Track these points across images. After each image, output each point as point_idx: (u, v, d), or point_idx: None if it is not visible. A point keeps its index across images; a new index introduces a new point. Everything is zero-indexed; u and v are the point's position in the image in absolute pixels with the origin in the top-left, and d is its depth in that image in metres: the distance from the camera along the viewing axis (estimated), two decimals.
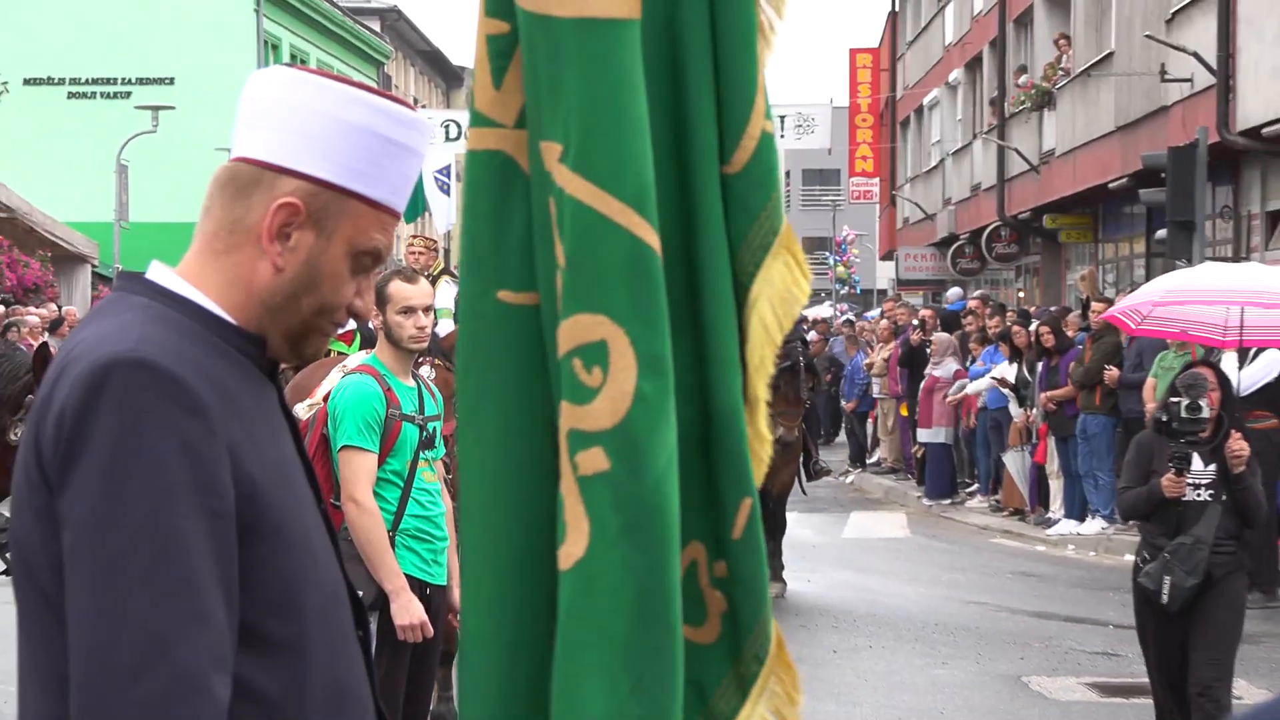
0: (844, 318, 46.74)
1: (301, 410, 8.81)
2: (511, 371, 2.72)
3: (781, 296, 2.95)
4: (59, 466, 2.84)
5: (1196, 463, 9.92)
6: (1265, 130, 26.75)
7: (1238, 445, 10.08)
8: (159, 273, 3.06)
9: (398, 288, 8.20)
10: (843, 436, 36.07)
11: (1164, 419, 10.29)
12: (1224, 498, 9.99)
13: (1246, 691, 9.83)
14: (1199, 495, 9.93)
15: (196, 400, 2.84)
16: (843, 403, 34.97)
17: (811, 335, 27.85)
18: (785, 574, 17.82)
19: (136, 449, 2.80)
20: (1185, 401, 10.04)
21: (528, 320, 2.72)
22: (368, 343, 11.60)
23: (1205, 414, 10.06)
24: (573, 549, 2.66)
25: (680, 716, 2.84)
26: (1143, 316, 12.97)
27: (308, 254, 3.03)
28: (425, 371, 10.18)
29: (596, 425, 2.67)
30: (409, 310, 8.19)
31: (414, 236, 17.11)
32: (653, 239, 2.79)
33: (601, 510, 2.67)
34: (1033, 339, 23.84)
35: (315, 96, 3.05)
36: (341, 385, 8.62)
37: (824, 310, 47.93)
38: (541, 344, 2.73)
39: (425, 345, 8.77)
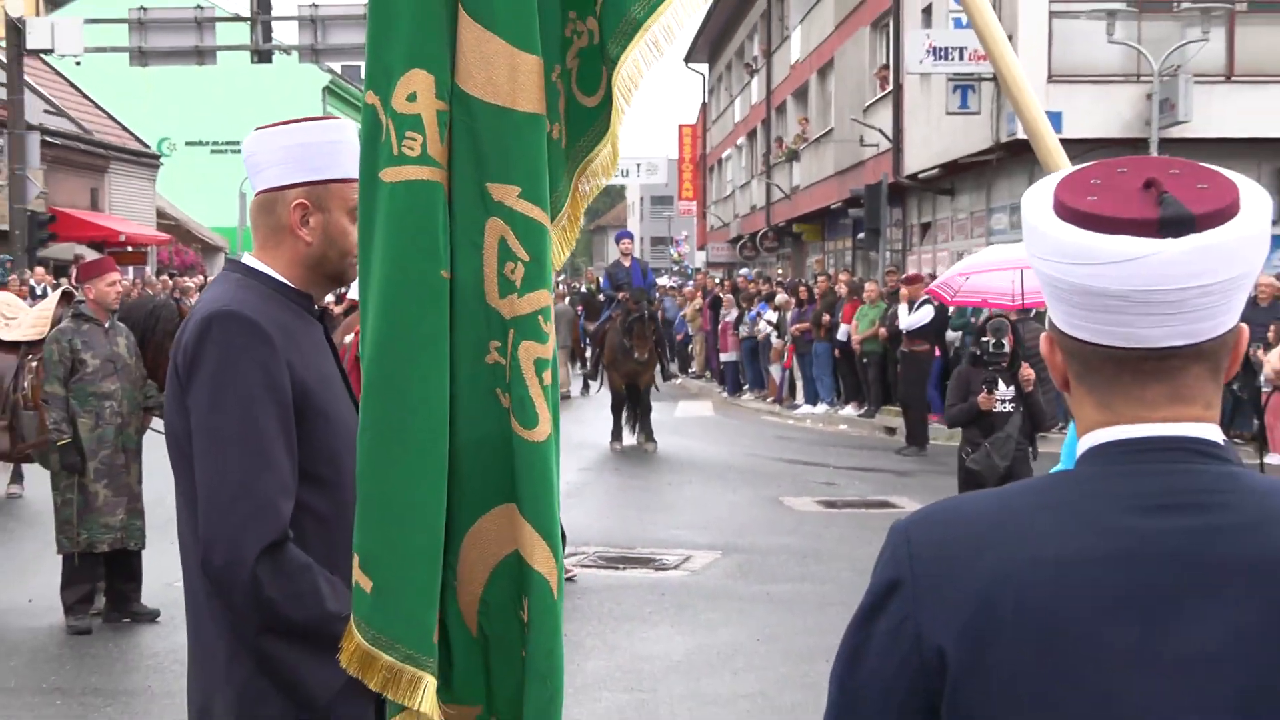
0: (680, 284, 46.71)
1: (348, 339, 8.73)
2: (445, 320, 2.67)
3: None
4: (187, 376, 2.86)
5: (1001, 385, 9.62)
6: (920, 175, 27.20)
7: (1026, 373, 9.74)
8: (248, 259, 3.07)
9: None
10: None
11: (977, 353, 9.94)
12: (1021, 408, 9.68)
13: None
14: (1004, 407, 9.62)
15: (266, 335, 2.85)
16: (675, 335, 35.12)
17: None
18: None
19: (229, 366, 2.83)
20: (993, 341, 9.75)
21: (447, 288, 2.67)
22: None
23: (1006, 349, 9.78)
24: (545, 428, 2.62)
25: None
26: (954, 290, 11.91)
27: (322, 227, 3.01)
28: None
29: (548, 355, 2.64)
30: None
31: None
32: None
33: (551, 405, 2.64)
34: (794, 294, 24.02)
35: (281, 137, 3.04)
36: None
37: (665, 280, 47.84)
38: (453, 303, 2.67)
39: None
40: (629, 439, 17.78)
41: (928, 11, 26.08)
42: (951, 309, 18.91)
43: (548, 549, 2.63)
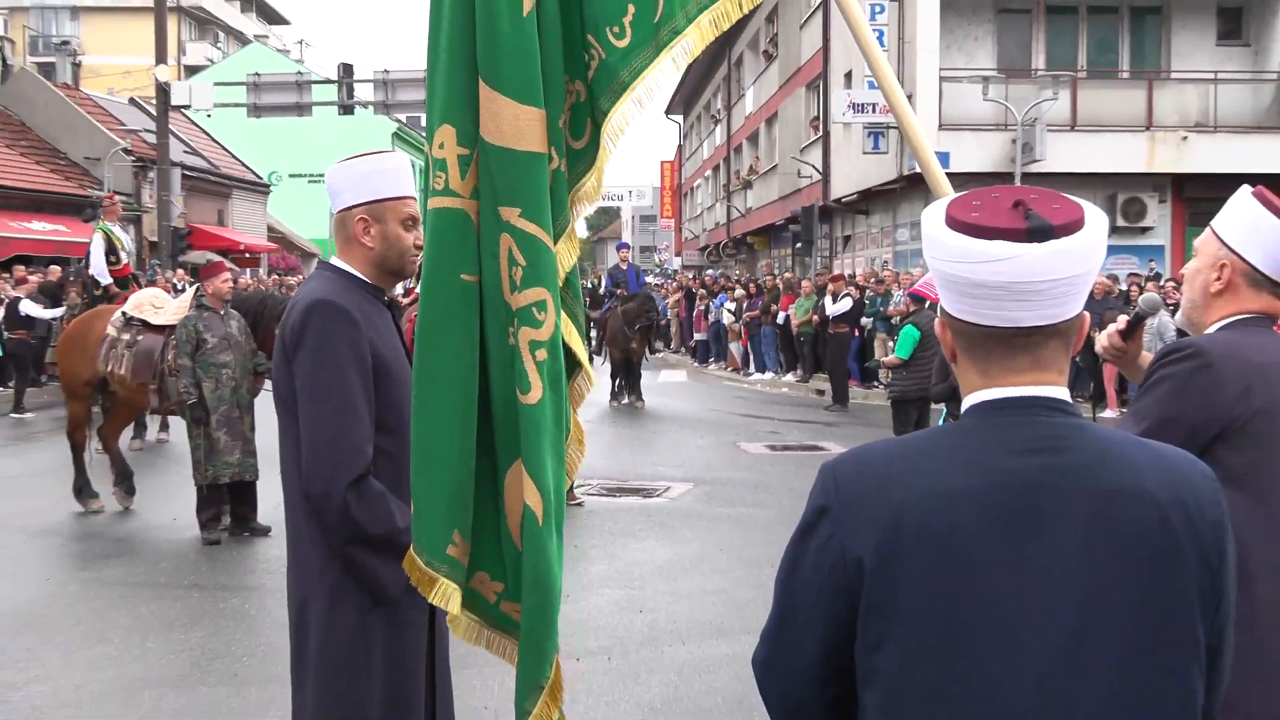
0: (663, 281, 46.47)
1: (405, 326, 8.71)
2: (466, 313, 2.62)
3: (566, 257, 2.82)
4: (294, 348, 2.85)
5: None
6: (843, 200, 27.04)
7: None
8: (335, 261, 3.05)
9: None
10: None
11: None
12: None
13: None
14: None
15: (353, 319, 2.85)
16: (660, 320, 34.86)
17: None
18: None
19: (326, 342, 2.82)
20: None
21: (473, 291, 2.63)
22: None
23: None
24: (536, 393, 2.57)
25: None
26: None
27: (380, 235, 2.99)
28: None
29: (542, 337, 2.57)
30: None
31: None
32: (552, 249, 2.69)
33: (544, 376, 2.59)
34: (747, 289, 23.80)
35: (346, 170, 2.99)
36: None
37: (651, 279, 47.52)
38: (480, 304, 2.62)
39: None
40: (624, 399, 17.76)
41: (849, 76, 25.99)
42: (868, 302, 18.97)
43: (535, 487, 2.60)
